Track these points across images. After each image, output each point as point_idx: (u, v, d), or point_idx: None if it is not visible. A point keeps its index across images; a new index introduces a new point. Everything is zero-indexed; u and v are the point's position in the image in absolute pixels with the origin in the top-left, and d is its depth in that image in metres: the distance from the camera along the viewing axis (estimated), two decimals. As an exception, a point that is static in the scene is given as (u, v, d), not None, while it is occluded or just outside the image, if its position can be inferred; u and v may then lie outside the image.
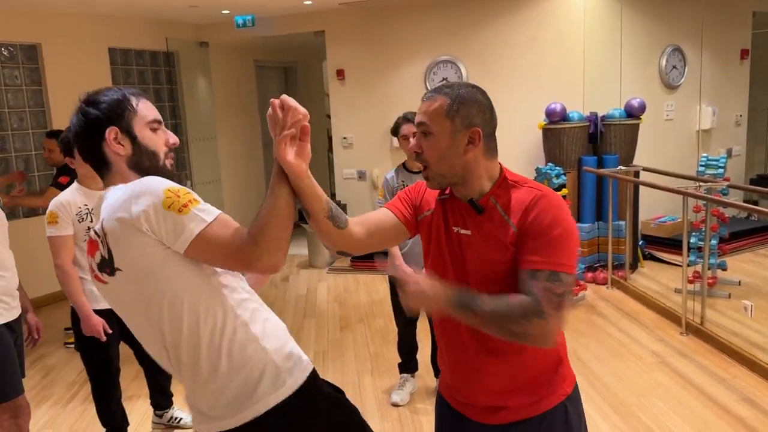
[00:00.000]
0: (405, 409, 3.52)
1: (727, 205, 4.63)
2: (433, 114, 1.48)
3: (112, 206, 1.42)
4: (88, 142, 1.52)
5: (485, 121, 1.50)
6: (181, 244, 1.37)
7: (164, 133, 1.57)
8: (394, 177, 3.53)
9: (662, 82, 6.47)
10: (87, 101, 1.52)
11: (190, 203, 1.37)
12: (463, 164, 1.49)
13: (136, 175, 1.50)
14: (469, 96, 1.48)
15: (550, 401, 1.53)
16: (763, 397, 3.42)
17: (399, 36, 6.68)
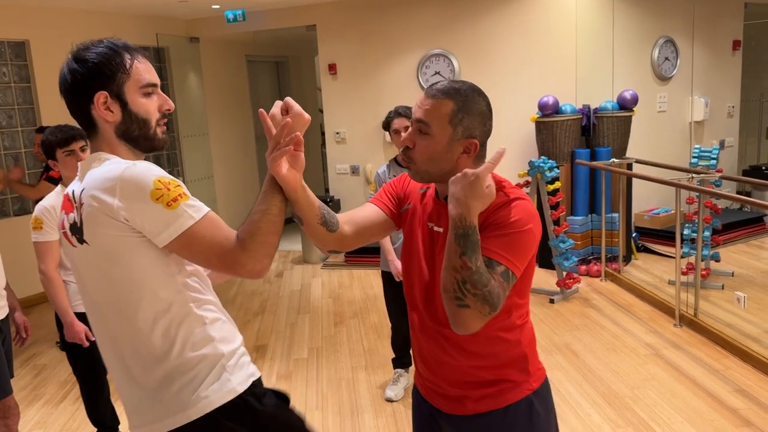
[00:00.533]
0: (399, 404, 3.52)
1: (720, 197, 4.63)
2: (437, 117, 1.45)
3: (97, 181, 1.34)
4: (74, 103, 1.42)
5: (483, 133, 1.50)
6: (163, 239, 1.32)
7: (159, 98, 1.46)
8: (386, 171, 3.51)
9: (654, 74, 6.46)
10: (77, 57, 1.39)
11: (180, 197, 1.31)
12: (451, 167, 1.48)
13: (123, 144, 1.43)
14: (475, 105, 1.47)
15: (514, 395, 1.53)
16: (756, 387, 3.43)
17: (391, 30, 6.65)
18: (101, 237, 1.35)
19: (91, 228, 1.36)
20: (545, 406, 1.58)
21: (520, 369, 1.55)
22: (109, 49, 1.39)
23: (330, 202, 6.84)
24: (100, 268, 1.40)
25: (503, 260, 1.38)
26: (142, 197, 1.29)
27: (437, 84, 1.50)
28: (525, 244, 1.41)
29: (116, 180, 1.31)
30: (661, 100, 6.54)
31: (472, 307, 1.31)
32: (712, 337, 4.06)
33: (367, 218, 1.65)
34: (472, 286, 1.30)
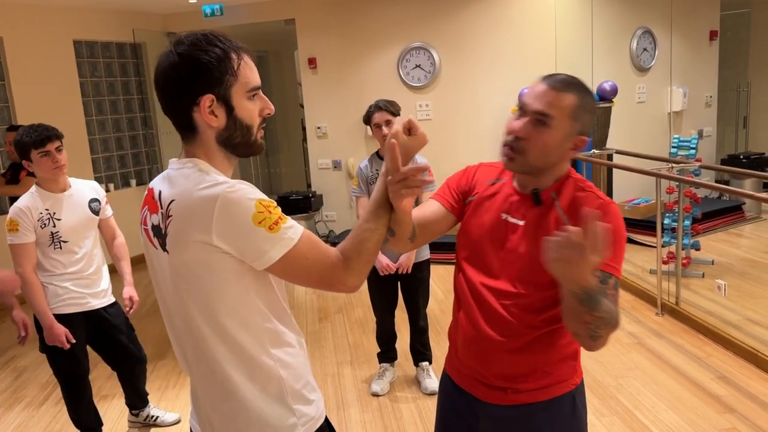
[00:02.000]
0: (385, 398, 3.51)
1: (700, 186, 4.67)
2: (560, 109, 1.42)
3: (191, 200, 1.25)
4: (174, 102, 1.29)
5: (591, 131, 1.51)
6: (264, 262, 1.26)
7: (261, 101, 1.36)
8: (368, 166, 3.50)
9: (633, 65, 6.51)
10: (182, 53, 1.26)
11: (281, 220, 1.25)
12: (555, 162, 1.48)
13: (222, 151, 1.34)
14: (591, 105, 1.47)
15: (559, 389, 1.54)
16: (738, 374, 3.47)
17: (370, 23, 6.62)
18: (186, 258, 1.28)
19: (176, 246, 1.29)
20: (583, 402, 1.59)
21: (570, 365, 1.56)
22: (219, 48, 1.28)
23: (312, 197, 6.80)
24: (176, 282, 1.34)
25: (614, 271, 1.40)
26: (243, 222, 1.23)
27: (554, 76, 1.47)
28: (623, 248, 1.45)
29: (213, 206, 1.22)
30: (640, 90, 6.59)
31: (604, 335, 1.34)
32: (693, 325, 4.10)
33: (431, 216, 1.64)
34: (604, 326, 1.31)
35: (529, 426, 1.54)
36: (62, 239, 2.85)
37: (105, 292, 3.08)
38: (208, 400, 1.39)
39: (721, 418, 3.06)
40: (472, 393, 1.60)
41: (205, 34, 1.30)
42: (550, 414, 1.53)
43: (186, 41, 1.28)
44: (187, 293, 1.32)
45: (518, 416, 1.55)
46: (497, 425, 1.58)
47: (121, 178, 6.87)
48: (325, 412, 1.48)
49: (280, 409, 1.37)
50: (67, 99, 6.16)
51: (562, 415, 1.54)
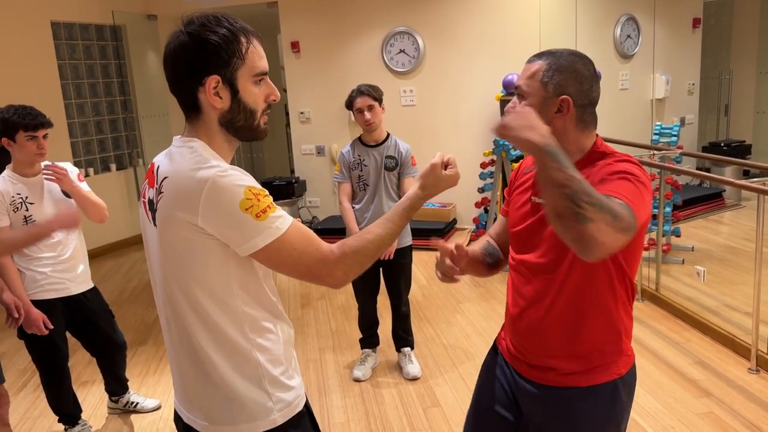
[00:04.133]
0: (367, 383, 3.52)
1: (681, 173, 4.71)
2: (529, 78, 1.48)
3: (183, 180, 1.27)
4: (181, 81, 1.31)
5: (581, 92, 1.47)
6: (247, 248, 1.27)
7: (267, 86, 1.36)
8: (350, 151, 3.47)
9: (617, 52, 6.52)
10: (191, 33, 1.28)
11: (269, 209, 1.27)
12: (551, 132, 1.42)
13: (224, 133, 1.35)
14: (568, 64, 1.47)
15: (602, 376, 1.52)
16: (715, 359, 3.52)
17: (354, 6, 6.55)
18: (170, 237, 1.30)
19: (164, 223, 1.31)
20: (629, 393, 1.56)
21: (614, 349, 1.52)
22: (228, 30, 1.29)
23: (296, 183, 6.76)
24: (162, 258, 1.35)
25: (622, 197, 1.28)
26: (230, 207, 1.24)
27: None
28: (640, 192, 1.34)
29: (202, 188, 1.24)
30: (624, 77, 6.60)
31: (595, 218, 1.17)
32: (673, 311, 4.15)
33: (501, 228, 1.76)
34: (585, 194, 1.18)
35: (565, 409, 1.54)
36: (36, 223, 2.81)
37: (84, 277, 3.04)
38: (189, 377, 1.40)
39: (698, 402, 3.10)
40: (516, 368, 1.64)
41: (216, 15, 1.31)
42: (588, 401, 1.52)
43: (196, 21, 1.29)
44: (170, 270, 1.34)
45: (555, 398, 1.55)
46: (534, 403, 1.59)
47: (101, 162, 6.78)
48: (304, 400, 1.48)
49: (256, 392, 1.38)
50: (45, 82, 6.05)
51: (600, 404, 1.51)
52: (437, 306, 4.57)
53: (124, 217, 6.86)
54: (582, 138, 1.51)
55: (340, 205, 3.48)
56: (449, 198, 6.39)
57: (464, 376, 3.53)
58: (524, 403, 1.63)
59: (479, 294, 4.69)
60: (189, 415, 1.43)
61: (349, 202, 3.47)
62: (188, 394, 1.42)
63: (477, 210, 6.06)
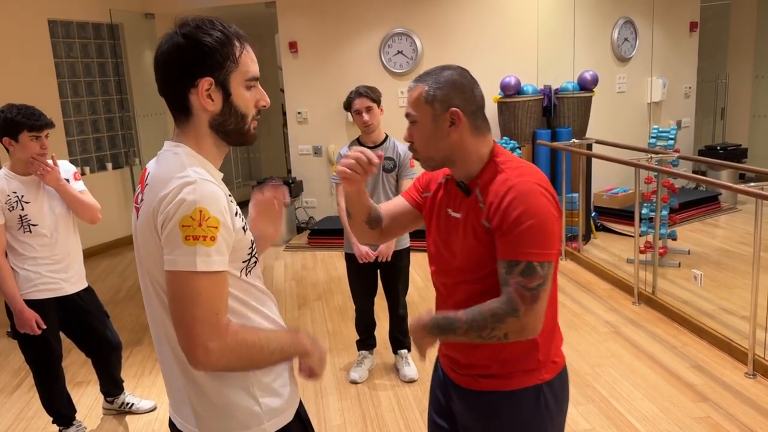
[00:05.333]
0: (363, 386, 3.51)
1: (677, 176, 4.71)
2: (415, 102, 1.53)
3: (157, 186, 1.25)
4: (172, 82, 1.30)
5: (465, 100, 1.51)
6: (165, 263, 1.22)
7: (257, 92, 1.36)
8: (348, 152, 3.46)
9: (614, 55, 6.53)
10: (186, 34, 1.27)
11: (203, 240, 1.18)
12: (449, 146, 1.52)
13: (213, 137, 1.33)
14: (446, 79, 1.51)
15: (522, 381, 1.54)
16: (712, 363, 3.52)
17: (353, 7, 6.55)
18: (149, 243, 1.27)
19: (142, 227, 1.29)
20: (557, 398, 1.58)
21: (530, 355, 1.54)
22: (222, 33, 1.29)
23: (292, 183, 6.75)
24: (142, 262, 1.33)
25: (520, 257, 1.40)
26: (174, 218, 1.20)
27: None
28: (543, 228, 1.41)
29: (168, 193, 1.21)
30: (621, 80, 6.61)
31: (507, 331, 1.42)
32: (669, 315, 4.15)
33: (396, 209, 1.77)
34: (481, 329, 1.43)
35: (489, 413, 1.58)
36: (31, 222, 2.79)
37: (79, 277, 3.02)
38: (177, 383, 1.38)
39: (695, 406, 3.10)
40: (447, 374, 1.69)
41: (210, 18, 1.30)
42: (512, 404, 1.55)
43: (191, 23, 1.29)
44: (151, 276, 1.31)
45: (480, 402, 1.59)
46: (462, 407, 1.65)
47: (97, 161, 6.75)
48: (296, 408, 1.46)
49: (245, 400, 1.35)
50: (42, 80, 6.02)
51: (524, 408, 1.55)
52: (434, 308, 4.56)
53: (119, 216, 6.83)
54: (480, 146, 1.53)
55: (338, 206, 3.47)
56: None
57: (461, 379, 3.52)
58: (455, 408, 1.68)
59: (476, 296, 4.68)
60: (180, 420, 1.41)
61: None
62: (177, 399, 1.40)
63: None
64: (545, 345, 1.57)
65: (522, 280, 1.40)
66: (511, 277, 1.41)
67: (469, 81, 1.54)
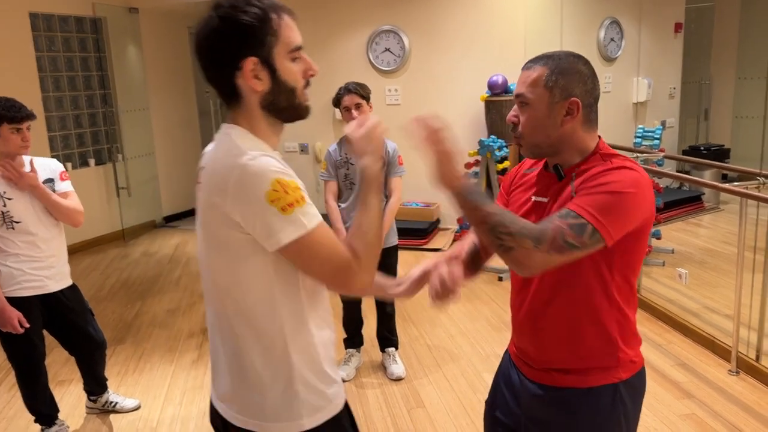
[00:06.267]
0: (351, 384, 3.49)
1: (662, 176, 4.75)
2: (532, 84, 1.46)
3: (215, 168, 1.24)
4: (217, 68, 1.26)
5: (586, 92, 1.46)
6: (273, 243, 1.22)
7: (304, 62, 1.31)
8: (336, 150, 3.44)
9: (600, 55, 6.56)
10: (222, 16, 1.22)
11: (297, 203, 1.20)
12: (559, 135, 1.46)
13: (267, 116, 1.31)
14: (570, 66, 1.46)
15: (599, 379, 1.50)
16: (696, 361, 3.55)
17: (340, 4, 6.52)
18: (212, 229, 1.27)
19: (202, 210, 1.29)
20: (633, 398, 1.54)
21: (610, 354, 1.51)
22: (258, 8, 1.23)
23: (278, 181, 6.71)
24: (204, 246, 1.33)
25: (582, 212, 1.35)
26: (256, 196, 1.18)
27: (533, 59, 1.50)
28: (619, 205, 1.35)
29: (231, 175, 1.20)
30: (606, 80, 6.65)
31: (514, 246, 1.34)
32: (654, 313, 4.18)
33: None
34: (502, 226, 1.34)
35: (564, 410, 1.54)
36: (14, 219, 2.74)
37: (63, 275, 2.97)
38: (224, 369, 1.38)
39: (680, 403, 3.12)
40: (520, 369, 1.65)
41: None
42: (588, 402, 1.51)
43: (225, 3, 1.24)
44: (210, 259, 1.32)
45: (555, 398, 1.55)
46: (536, 403, 1.60)
47: (79, 157, 6.66)
48: (340, 407, 1.43)
49: (286, 394, 1.34)
50: (23, 74, 5.92)
51: (600, 406, 1.51)
52: (422, 306, 4.55)
53: (102, 213, 6.75)
54: (587, 139, 1.49)
55: (326, 204, 3.45)
56: (433, 198, 6.39)
57: (448, 377, 3.52)
58: (527, 404, 1.63)
59: (463, 294, 4.67)
60: (223, 406, 1.40)
61: (335, 201, 3.44)
62: (224, 386, 1.40)
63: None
64: (625, 343, 1.53)
65: (567, 229, 1.34)
66: (560, 220, 1.35)
67: (592, 72, 1.48)
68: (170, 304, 4.87)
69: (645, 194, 1.39)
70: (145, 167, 7.15)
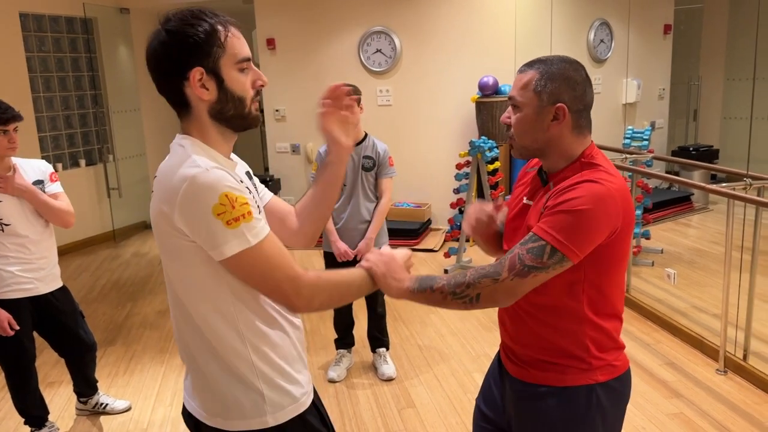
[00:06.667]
0: (342, 384, 3.50)
1: (651, 177, 4.78)
2: (522, 87, 1.51)
3: (165, 180, 1.28)
4: (165, 79, 1.32)
5: (575, 98, 1.49)
6: (216, 254, 1.26)
7: (252, 73, 1.37)
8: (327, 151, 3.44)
9: (590, 56, 6.60)
10: (169, 30, 1.28)
11: (243, 218, 1.24)
12: (546, 139, 1.51)
13: (216, 124, 1.35)
14: (560, 72, 1.49)
15: (575, 379, 1.53)
16: (685, 360, 3.58)
17: (331, 5, 6.52)
18: (163, 239, 1.32)
19: (154, 219, 1.32)
20: (613, 401, 1.55)
21: (580, 358, 1.53)
22: (204, 21, 1.29)
23: (270, 181, 6.71)
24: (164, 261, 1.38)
25: (542, 234, 1.40)
26: (202, 210, 1.23)
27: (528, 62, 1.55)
28: (578, 223, 1.38)
29: (180, 186, 1.24)
30: (596, 81, 6.69)
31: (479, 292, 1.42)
32: (643, 313, 4.21)
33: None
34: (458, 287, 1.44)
35: (541, 405, 1.56)
36: (3, 222, 2.74)
37: (53, 277, 2.97)
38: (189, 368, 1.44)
39: (669, 402, 3.15)
40: (504, 364, 1.69)
41: (191, 10, 1.32)
42: (562, 401, 1.53)
43: (173, 18, 1.30)
44: (165, 266, 1.37)
45: (534, 394, 1.57)
46: (516, 397, 1.63)
47: (70, 157, 6.64)
48: (307, 405, 1.46)
49: (248, 392, 1.38)
50: (13, 74, 5.90)
51: (574, 407, 1.53)
52: (412, 306, 4.57)
53: (92, 214, 6.73)
54: (575, 144, 1.52)
55: None
56: (424, 198, 6.40)
57: (439, 377, 3.54)
58: (509, 399, 1.66)
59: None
60: (192, 404, 1.45)
61: (325, 201, 3.44)
62: (189, 385, 1.46)
63: (452, 211, 6.07)
64: (601, 351, 1.53)
65: (525, 254, 1.39)
66: (519, 247, 1.41)
67: (583, 79, 1.51)
68: (161, 305, 4.86)
69: (606, 208, 1.40)
70: (136, 168, 7.13)
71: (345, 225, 3.41)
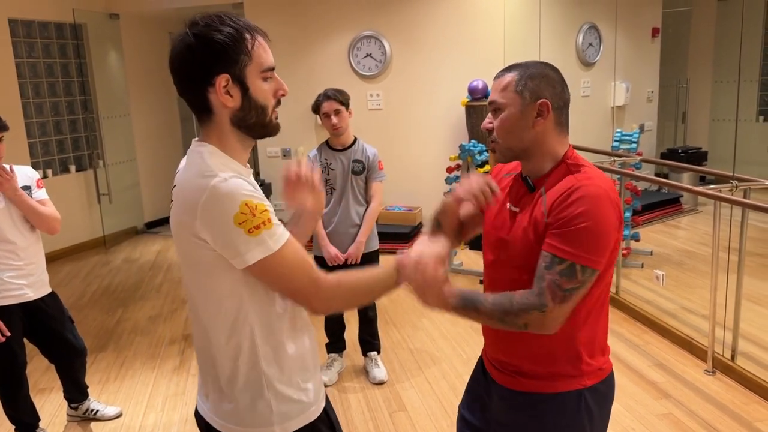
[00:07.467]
0: (333, 388, 3.51)
1: (640, 179, 4.82)
2: (503, 90, 1.53)
3: (185, 188, 1.29)
4: (190, 83, 1.31)
5: (555, 95, 1.51)
6: (240, 263, 1.27)
7: (275, 82, 1.38)
8: (317, 155, 3.46)
9: (579, 60, 6.64)
10: (198, 35, 1.27)
11: (263, 225, 1.25)
12: (532, 138, 1.51)
13: (236, 133, 1.35)
14: (538, 71, 1.52)
15: (565, 385, 1.54)
16: (674, 361, 3.61)
17: (321, 9, 6.54)
18: (184, 247, 1.33)
19: (175, 228, 1.33)
20: (600, 403, 1.57)
21: (572, 365, 1.54)
22: (233, 28, 1.28)
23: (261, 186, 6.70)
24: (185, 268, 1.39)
25: (565, 255, 1.40)
26: (224, 219, 1.23)
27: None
28: (595, 233, 1.40)
29: (201, 196, 1.24)
30: (585, 85, 6.73)
31: (527, 322, 1.42)
32: (632, 314, 4.24)
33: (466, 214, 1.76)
34: (506, 314, 1.43)
35: (531, 413, 1.57)
36: None
37: (42, 282, 2.96)
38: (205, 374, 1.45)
39: (658, 403, 3.17)
40: (490, 373, 1.69)
41: (219, 15, 1.31)
42: (553, 407, 1.55)
43: (201, 22, 1.29)
44: (185, 274, 1.38)
45: (522, 403, 1.58)
46: (505, 406, 1.63)
47: (60, 163, 6.62)
48: (317, 414, 1.47)
49: (257, 402, 1.38)
50: (2, 80, 5.88)
51: (565, 412, 1.54)
52: (403, 310, 4.58)
53: (83, 219, 6.70)
54: (558, 144, 1.53)
55: None
56: (415, 202, 6.42)
57: (430, 380, 3.55)
58: (495, 407, 1.66)
59: (444, 298, 4.71)
60: (204, 407, 1.46)
61: (315, 206, 3.45)
62: (204, 389, 1.47)
63: (442, 214, 6.11)
64: (589, 353, 1.55)
65: (559, 278, 1.40)
66: (549, 273, 1.41)
67: (560, 78, 1.54)
68: (152, 311, 4.85)
69: (609, 208, 1.42)
70: (127, 173, 7.12)
71: (335, 229, 3.42)
